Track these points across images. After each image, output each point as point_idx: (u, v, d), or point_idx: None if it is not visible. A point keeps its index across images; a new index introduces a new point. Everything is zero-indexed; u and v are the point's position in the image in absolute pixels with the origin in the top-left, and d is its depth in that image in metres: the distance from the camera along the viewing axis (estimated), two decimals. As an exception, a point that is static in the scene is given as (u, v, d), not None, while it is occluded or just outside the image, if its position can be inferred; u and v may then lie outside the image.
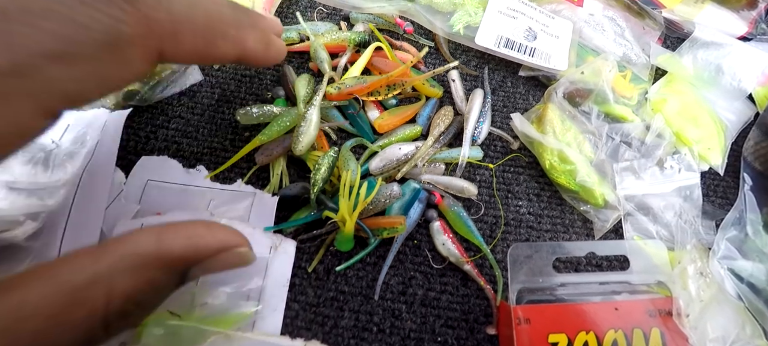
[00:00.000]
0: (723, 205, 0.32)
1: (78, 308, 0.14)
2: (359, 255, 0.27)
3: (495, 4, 0.36)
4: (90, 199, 0.25)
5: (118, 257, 0.15)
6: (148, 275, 0.16)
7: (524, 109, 0.34)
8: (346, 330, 0.26)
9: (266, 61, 0.22)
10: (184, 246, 0.16)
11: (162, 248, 0.16)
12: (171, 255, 0.16)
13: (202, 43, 0.18)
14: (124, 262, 0.15)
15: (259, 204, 0.28)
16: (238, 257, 0.18)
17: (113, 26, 0.15)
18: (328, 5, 0.36)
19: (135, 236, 0.16)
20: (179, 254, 0.16)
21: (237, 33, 0.20)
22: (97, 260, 0.15)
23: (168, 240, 0.16)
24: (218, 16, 0.19)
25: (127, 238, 0.16)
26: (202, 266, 0.17)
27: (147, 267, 0.15)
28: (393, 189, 0.27)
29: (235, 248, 0.18)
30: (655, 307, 0.25)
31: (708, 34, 0.37)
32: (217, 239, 0.17)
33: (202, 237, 0.17)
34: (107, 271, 0.15)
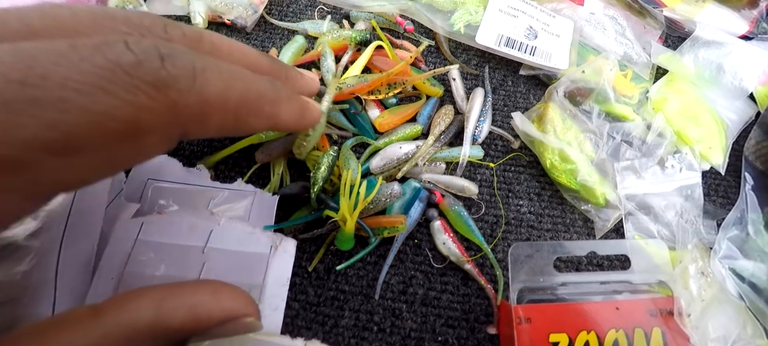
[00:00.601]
0: (724, 204, 0.32)
1: None
2: (359, 254, 0.27)
3: (496, 3, 0.36)
4: (90, 198, 0.25)
5: (112, 327, 0.14)
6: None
7: (525, 108, 0.34)
8: (347, 329, 0.26)
9: (298, 129, 0.21)
10: (185, 318, 0.15)
11: (161, 319, 0.14)
12: (170, 328, 0.15)
13: (233, 122, 0.16)
14: (117, 333, 0.14)
15: (259, 203, 0.28)
16: (244, 327, 0.16)
17: (133, 115, 0.13)
18: (329, 4, 0.36)
19: (133, 303, 0.14)
20: (179, 327, 0.15)
21: (271, 109, 0.18)
22: (91, 331, 0.14)
23: (168, 311, 0.15)
24: (255, 94, 0.17)
25: (124, 305, 0.14)
26: (204, 335, 0.15)
27: (142, 340, 0.14)
28: (393, 188, 0.27)
29: (242, 318, 0.16)
30: (657, 306, 0.25)
31: (709, 33, 0.37)
32: (223, 309, 0.16)
33: (206, 306, 0.15)
34: (100, 341, 0.13)
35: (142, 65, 0.13)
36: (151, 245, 0.25)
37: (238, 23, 0.34)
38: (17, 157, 0.11)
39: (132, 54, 0.13)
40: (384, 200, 0.27)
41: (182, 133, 0.15)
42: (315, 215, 0.27)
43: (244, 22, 0.34)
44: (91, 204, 0.25)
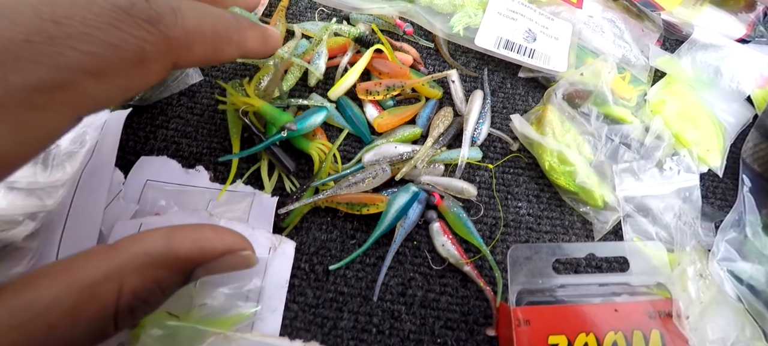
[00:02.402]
0: (722, 206, 0.32)
1: (91, 304, 0.15)
2: (353, 255, 0.27)
3: (495, 6, 0.36)
4: (89, 199, 0.25)
5: (129, 255, 0.16)
6: (157, 273, 0.17)
7: (524, 110, 0.34)
8: (346, 331, 0.26)
9: (265, 53, 0.24)
10: (192, 248, 0.17)
11: (171, 249, 0.17)
12: (179, 256, 0.17)
13: (211, 50, 0.20)
14: (134, 261, 0.16)
15: (258, 204, 0.28)
16: (242, 259, 0.19)
17: (139, 46, 0.16)
18: (328, 6, 0.36)
19: (146, 236, 0.17)
20: (186, 256, 0.17)
21: (239, 37, 0.22)
22: (110, 258, 0.16)
23: (177, 241, 0.17)
24: (223, 24, 0.20)
25: (138, 237, 0.17)
26: (206, 268, 0.18)
27: (156, 266, 0.17)
28: (383, 167, 0.27)
29: (240, 251, 0.19)
30: (655, 308, 0.25)
31: (707, 36, 0.37)
32: (224, 243, 0.18)
33: (209, 240, 0.18)
34: (119, 269, 0.16)
35: (134, 6, 0.16)
36: (150, 247, 0.25)
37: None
38: (66, 79, 0.15)
39: None
40: (370, 179, 0.27)
41: (175, 62, 0.18)
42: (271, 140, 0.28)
43: (243, 24, 0.34)
44: (90, 205, 0.25)
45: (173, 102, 0.32)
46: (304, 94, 0.32)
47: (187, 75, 0.32)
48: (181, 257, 0.17)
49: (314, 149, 0.29)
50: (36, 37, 0.14)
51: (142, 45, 0.16)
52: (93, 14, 0.15)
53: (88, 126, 0.27)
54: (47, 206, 0.23)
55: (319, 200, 0.27)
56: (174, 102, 0.32)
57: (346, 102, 0.31)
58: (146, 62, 0.17)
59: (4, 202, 0.23)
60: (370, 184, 0.27)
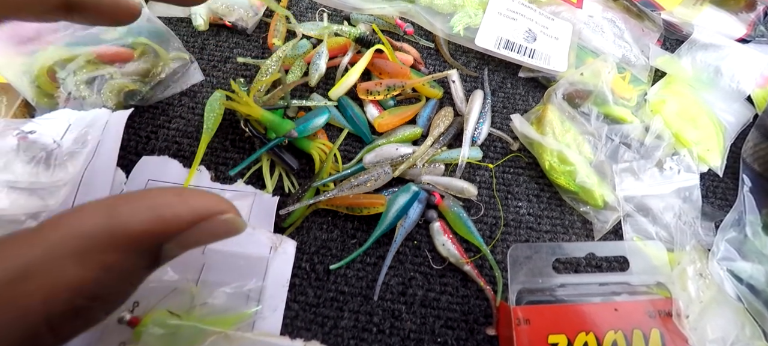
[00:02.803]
0: (722, 206, 0.32)
1: (6, 310, 0.11)
2: (353, 254, 0.27)
3: (495, 6, 0.36)
4: (91, 198, 0.25)
5: (56, 240, 0.12)
6: (102, 259, 0.12)
7: (524, 110, 0.34)
8: (346, 331, 0.26)
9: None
10: (146, 220, 0.13)
11: (115, 224, 0.13)
12: (129, 232, 0.13)
13: None
14: (65, 246, 0.12)
15: (259, 204, 0.28)
16: (224, 224, 0.14)
17: None
18: (329, 6, 0.37)
19: (79, 212, 0.13)
20: (140, 230, 0.13)
21: None
22: (31, 247, 0.12)
23: (123, 214, 0.13)
24: None
25: (68, 216, 0.13)
26: (177, 241, 0.14)
27: (99, 251, 0.12)
28: (385, 169, 0.27)
29: (217, 215, 0.14)
30: (655, 308, 0.25)
31: (707, 36, 0.37)
32: (190, 207, 0.14)
33: (170, 206, 0.13)
34: (44, 260, 0.12)
35: None
36: (152, 246, 0.25)
37: (238, 25, 0.35)
38: None
39: None
40: (372, 181, 0.27)
41: None
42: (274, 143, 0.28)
43: (244, 24, 0.35)
44: (92, 205, 0.25)
45: (174, 102, 0.32)
46: (305, 95, 0.32)
47: (189, 75, 0.32)
48: (135, 232, 0.13)
49: (315, 149, 0.29)
50: None
51: None
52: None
53: (90, 126, 0.27)
54: (49, 205, 0.24)
55: (320, 202, 0.27)
56: (175, 102, 0.32)
57: (346, 102, 0.31)
58: None
59: (7, 202, 0.23)
60: (372, 186, 0.27)
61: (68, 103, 0.29)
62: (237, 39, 0.35)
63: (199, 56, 0.34)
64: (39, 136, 0.26)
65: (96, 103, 0.29)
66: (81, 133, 0.27)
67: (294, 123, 0.28)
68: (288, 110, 0.31)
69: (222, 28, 0.35)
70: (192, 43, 0.35)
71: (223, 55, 0.34)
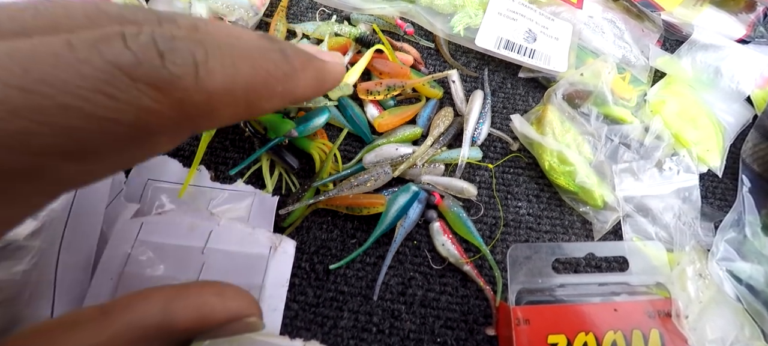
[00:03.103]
0: (722, 206, 0.32)
1: None
2: (353, 254, 0.27)
3: (495, 6, 0.36)
4: (90, 198, 0.25)
5: (121, 327, 0.14)
6: (150, 345, 0.15)
7: (524, 110, 0.34)
8: (346, 330, 0.26)
9: (319, 94, 0.19)
10: (192, 319, 0.15)
11: (169, 320, 0.15)
12: (177, 328, 0.15)
13: (244, 111, 0.15)
14: (128, 334, 0.14)
15: (259, 204, 0.28)
16: (247, 326, 0.17)
17: (139, 118, 0.12)
18: (329, 6, 0.37)
19: (142, 303, 0.15)
20: (185, 327, 0.15)
21: (284, 87, 0.16)
22: (101, 331, 0.14)
23: (176, 312, 0.15)
24: (264, 74, 0.15)
25: (133, 305, 0.15)
26: (207, 335, 0.16)
27: (150, 339, 0.15)
28: (385, 170, 0.27)
29: (245, 317, 0.16)
30: (654, 308, 0.25)
31: (707, 36, 0.37)
32: (228, 310, 0.16)
33: (213, 308, 0.16)
34: (109, 342, 0.14)
35: (141, 65, 0.12)
36: (151, 245, 0.25)
37: (238, 25, 0.35)
38: (33, 165, 0.11)
39: (130, 53, 0.12)
40: (372, 181, 0.27)
41: (192, 129, 0.14)
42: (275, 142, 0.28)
43: (244, 23, 0.35)
44: (91, 204, 0.25)
45: (174, 101, 0.32)
46: None
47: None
48: (181, 328, 0.15)
49: (315, 149, 0.29)
50: None
51: (146, 117, 0.12)
52: (79, 78, 0.11)
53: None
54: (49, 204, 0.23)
55: (320, 202, 0.27)
56: (175, 101, 0.32)
57: (346, 102, 0.31)
58: (150, 137, 0.13)
59: (6, 201, 0.23)
60: (372, 186, 0.27)
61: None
62: (237, 38, 0.35)
63: (199, 56, 0.34)
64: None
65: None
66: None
67: (294, 123, 0.28)
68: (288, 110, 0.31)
69: (222, 27, 0.35)
70: (192, 43, 0.35)
71: (223, 54, 0.34)
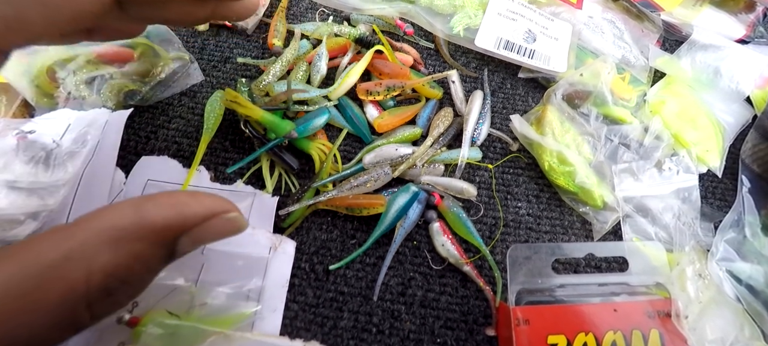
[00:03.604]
0: (721, 207, 0.32)
1: (53, 286, 0.13)
2: (353, 255, 0.27)
3: (495, 7, 0.36)
4: (90, 198, 0.25)
5: (94, 231, 0.14)
6: (131, 248, 0.15)
7: (523, 110, 0.34)
8: (346, 331, 0.26)
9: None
10: (168, 216, 0.15)
11: (143, 218, 0.15)
12: (154, 226, 0.15)
13: None
14: (101, 236, 0.14)
15: (258, 204, 0.28)
16: (229, 222, 0.17)
17: None
18: (329, 7, 0.37)
19: (111, 208, 0.15)
20: (163, 224, 0.15)
21: None
22: (72, 235, 0.14)
23: (149, 210, 0.15)
24: None
25: (102, 211, 0.15)
26: (191, 237, 0.16)
27: (128, 240, 0.15)
28: (385, 170, 0.27)
29: (224, 213, 0.17)
30: (654, 308, 0.25)
31: (706, 36, 0.37)
32: (204, 206, 0.16)
33: (187, 205, 0.16)
34: (83, 246, 0.14)
35: None
36: (151, 246, 0.25)
37: (238, 26, 0.35)
38: None
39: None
40: (372, 182, 0.27)
41: None
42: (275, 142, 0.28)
43: (244, 24, 0.35)
44: (91, 204, 0.25)
45: (174, 102, 0.32)
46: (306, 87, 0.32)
47: (189, 75, 0.32)
48: (158, 225, 0.15)
49: (315, 149, 0.29)
50: None
51: None
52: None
53: (90, 126, 0.27)
54: (49, 205, 0.24)
55: (319, 202, 0.27)
56: (175, 102, 0.32)
57: (346, 102, 0.31)
58: None
59: (6, 201, 0.23)
60: (372, 186, 0.27)
61: (68, 103, 0.29)
62: (237, 39, 0.35)
63: (199, 56, 0.34)
64: (38, 136, 0.26)
65: (96, 103, 0.29)
66: (80, 133, 0.27)
67: (294, 123, 0.28)
68: (288, 110, 0.31)
69: (222, 28, 0.35)
70: (192, 44, 0.35)
71: (223, 55, 0.34)
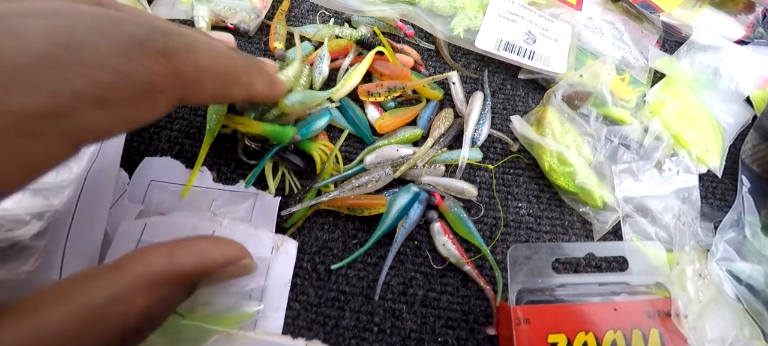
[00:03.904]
0: (721, 207, 0.32)
1: (97, 328, 0.15)
2: (355, 254, 0.27)
3: (495, 8, 0.36)
4: (94, 199, 0.25)
5: (133, 276, 0.16)
6: (162, 292, 0.17)
7: (524, 111, 0.34)
8: (347, 330, 0.26)
9: (269, 99, 0.26)
10: (195, 263, 0.18)
11: (175, 265, 0.17)
12: (183, 273, 0.17)
13: (220, 89, 0.20)
14: (139, 281, 0.16)
15: (260, 205, 0.28)
16: (242, 268, 0.20)
17: (149, 78, 0.16)
18: (330, 9, 0.37)
19: (148, 254, 0.17)
20: (190, 271, 0.18)
21: (248, 79, 0.22)
22: (114, 280, 0.16)
23: (180, 258, 0.17)
24: (234, 66, 0.21)
25: (140, 256, 0.17)
26: (208, 279, 0.19)
27: (161, 285, 0.17)
28: (386, 171, 0.28)
29: (239, 260, 0.19)
30: (654, 308, 0.25)
31: (706, 37, 0.37)
32: (224, 254, 0.19)
33: (210, 252, 0.18)
34: (123, 290, 0.16)
35: (149, 38, 0.16)
36: (155, 246, 0.25)
37: (240, 27, 0.35)
38: (65, 106, 0.14)
39: (141, 30, 0.16)
40: (374, 182, 0.27)
41: (182, 97, 0.18)
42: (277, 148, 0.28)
43: (246, 26, 0.35)
44: (96, 205, 0.25)
45: (177, 103, 0.32)
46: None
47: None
48: (186, 272, 0.17)
49: (316, 150, 0.29)
50: (45, 62, 0.14)
51: (152, 76, 0.16)
52: (108, 43, 0.15)
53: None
54: (54, 205, 0.24)
55: (321, 202, 0.27)
56: (178, 103, 0.32)
57: (347, 103, 0.32)
58: (154, 94, 0.17)
59: (11, 201, 0.23)
60: (373, 187, 0.28)
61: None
62: (239, 41, 0.35)
63: (202, 58, 0.34)
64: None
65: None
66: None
67: (296, 128, 0.29)
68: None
69: (224, 30, 0.36)
70: (194, 45, 0.35)
71: (225, 57, 0.34)
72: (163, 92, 0.17)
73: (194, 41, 0.18)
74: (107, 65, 0.15)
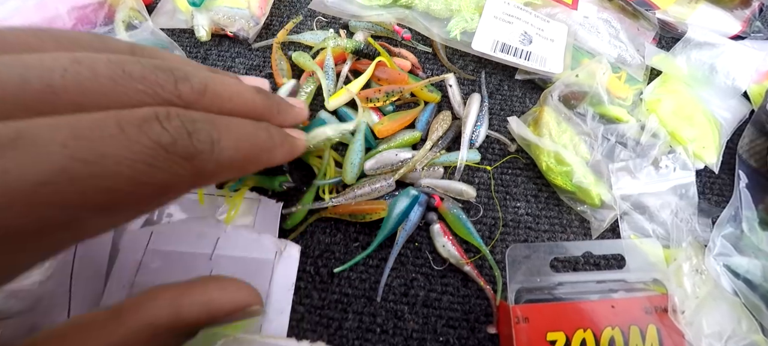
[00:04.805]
0: (718, 202, 0.33)
1: None
2: (357, 257, 0.28)
3: (491, 10, 0.36)
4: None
5: (134, 329, 0.15)
6: (164, 341, 0.16)
7: (521, 112, 0.35)
8: (351, 331, 0.27)
9: (290, 159, 0.23)
10: (200, 313, 0.17)
11: (179, 318, 0.16)
12: (186, 323, 0.16)
13: (238, 173, 0.19)
14: (140, 334, 0.15)
15: (263, 210, 0.29)
16: (249, 315, 0.19)
17: (167, 181, 0.15)
18: (328, 14, 0.37)
19: (151, 304, 0.16)
20: (195, 321, 0.17)
21: (268, 156, 0.20)
22: (114, 331, 0.15)
23: (185, 309, 0.16)
24: (257, 147, 0.19)
25: (143, 306, 0.16)
26: (211, 325, 0.18)
27: (163, 336, 0.16)
28: (388, 181, 0.28)
29: (248, 307, 0.18)
30: (652, 304, 0.26)
31: (701, 34, 0.38)
32: (232, 302, 0.18)
33: (217, 301, 0.17)
34: (124, 342, 0.15)
35: (176, 143, 0.15)
36: (161, 254, 0.26)
37: (240, 35, 0.35)
38: (69, 218, 0.13)
39: (168, 134, 0.15)
40: (375, 193, 0.28)
41: (196, 187, 0.18)
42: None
43: (245, 34, 0.35)
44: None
45: (179, 112, 0.32)
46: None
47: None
48: (190, 323, 0.16)
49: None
50: (57, 178, 0.12)
51: (170, 179, 0.15)
52: (130, 153, 0.14)
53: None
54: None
55: (323, 210, 0.28)
56: (180, 112, 0.32)
57: (345, 113, 0.32)
58: (168, 193, 0.16)
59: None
60: (374, 196, 0.28)
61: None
62: (239, 49, 0.36)
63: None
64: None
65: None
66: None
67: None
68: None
69: (224, 38, 0.36)
70: (195, 54, 0.35)
71: (226, 64, 0.35)
72: (177, 191, 0.16)
73: (220, 133, 0.16)
74: (124, 175, 0.13)
